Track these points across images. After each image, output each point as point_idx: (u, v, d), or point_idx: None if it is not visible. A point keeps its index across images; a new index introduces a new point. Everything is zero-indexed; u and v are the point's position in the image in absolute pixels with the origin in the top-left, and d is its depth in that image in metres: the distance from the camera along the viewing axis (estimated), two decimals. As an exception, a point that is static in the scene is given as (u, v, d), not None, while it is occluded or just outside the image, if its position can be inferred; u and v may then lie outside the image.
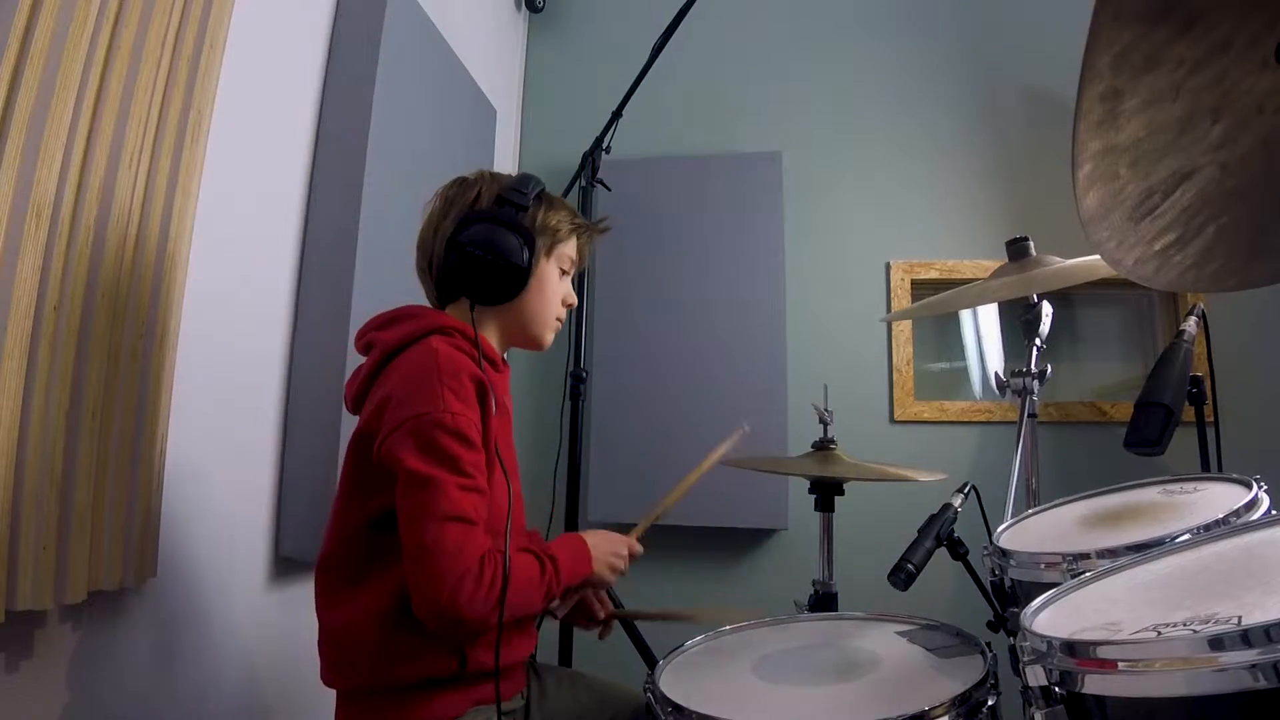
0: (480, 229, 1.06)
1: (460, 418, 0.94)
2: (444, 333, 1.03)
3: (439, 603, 0.87)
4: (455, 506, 0.90)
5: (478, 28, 2.40)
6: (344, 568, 1.02)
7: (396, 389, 0.98)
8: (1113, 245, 0.90)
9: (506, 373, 1.17)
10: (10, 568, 0.89)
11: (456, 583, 0.87)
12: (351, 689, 1.02)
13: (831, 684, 0.98)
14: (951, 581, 1.28)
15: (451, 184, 1.14)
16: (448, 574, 0.87)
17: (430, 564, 0.88)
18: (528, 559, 0.99)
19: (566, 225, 1.15)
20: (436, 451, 0.92)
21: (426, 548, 0.89)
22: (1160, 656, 0.56)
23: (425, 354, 0.99)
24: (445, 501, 0.90)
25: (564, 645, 1.74)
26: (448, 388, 0.95)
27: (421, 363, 0.98)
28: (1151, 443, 1.14)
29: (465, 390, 0.97)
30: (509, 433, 1.16)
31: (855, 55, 2.66)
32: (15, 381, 0.90)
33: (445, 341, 1.01)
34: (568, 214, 1.16)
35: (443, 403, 0.94)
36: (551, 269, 1.15)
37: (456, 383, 0.96)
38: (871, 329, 2.50)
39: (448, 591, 0.87)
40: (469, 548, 0.89)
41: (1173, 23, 0.70)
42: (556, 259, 1.16)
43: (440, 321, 1.05)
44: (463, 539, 0.89)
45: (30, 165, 0.91)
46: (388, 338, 1.04)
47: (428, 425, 0.93)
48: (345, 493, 1.03)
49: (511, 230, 1.06)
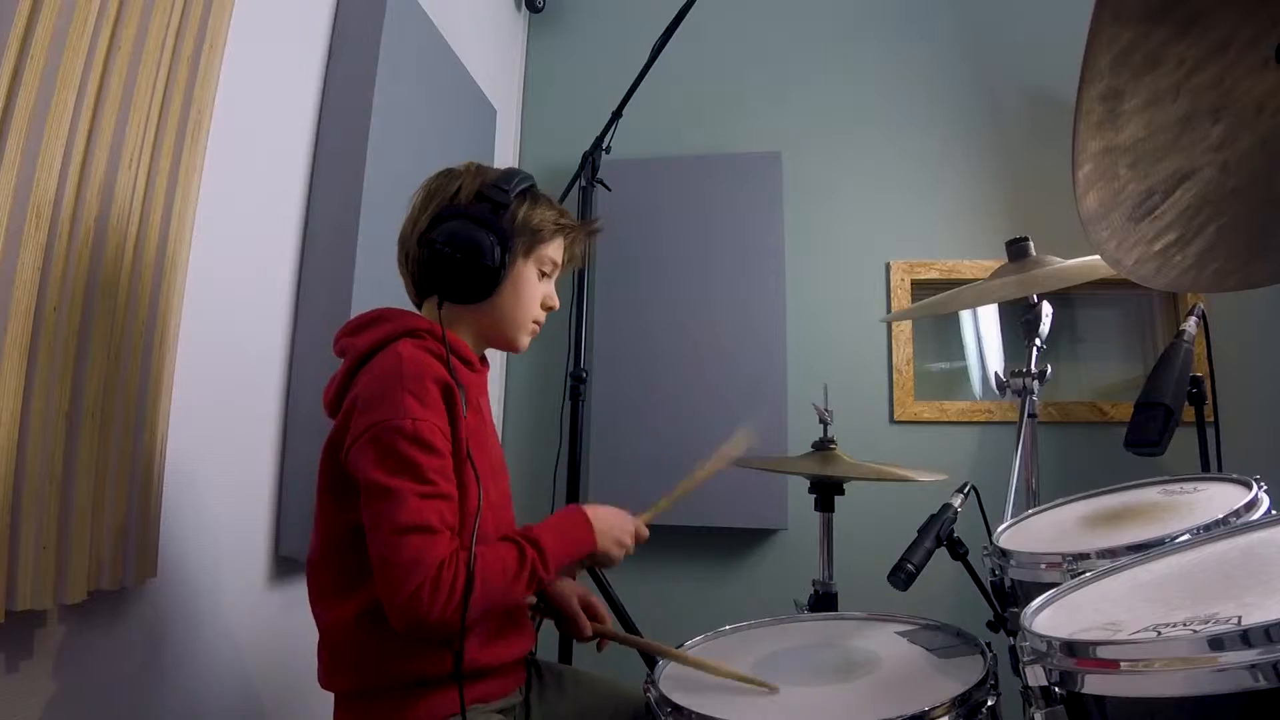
0: (454, 225, 1.04)
1: (422, 424, 0.93)
2: (414, 335, 1.02)
3: (400, 611, 0.88)
4: (414, 516, 0.89)
5: (478, 28, 2.40)
6: (331, 569, 1.02)
7: (361, 396, 0.97)
8: (1113, 245, 0.90)
9: (484, 373, 1.15)
10: (10, 568, 0.89)
11: (414, 591, 0.87)
12: (348, 691, 1.02)
13: (831, 684, 0.99)
14: (951, 581, 1.28)
15: (437, 175, 1.12)
16: (405, 584, 0.87)
17: (389, 574, 0.88)
18: (503, 549, 0.96)
19: (550, 225, 1.11)
20: (397, 459, 0.91)
21: (386, 559, 0.89)
22: (1160, 656, 0.55)
23: (390, 360, 0.97)
24: (403, 513, 0.89)
25: (564, 643, 1.74)
26: (409, 393, 0.94)
27: (385, 369, 0.97)
28: (1151, 443, 1.14)
29: (429, 394, 0.95)
30: (487, 433, 1.13)
31: (855, 56, 2.66)
32: (15, 381, 0.90)
33: (414, 345, 1.00)
34: (553, 213, 1.13)
35: (403, 409, 0.93)
36: (529, 270, 1.11)
37: (419, 387, 0.95)
38: (871, 329, 2.50)
39: (405, 600, 0.87)
40: (427, 556, 0.88)
41: (1173, 23, 0.70)
42: (536, 260, 1.11)
43: (410, 324, 1.03)
44: (420, 549, 0.88)
45: (30, 165, 0.91)
46: (358, 343, 1.03)
47: (388, 432, 0.92)
48: (324, 500, 1.03)
49: (485, 228, 1.04)
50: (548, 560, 0.98)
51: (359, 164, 1.56)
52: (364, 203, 1.55)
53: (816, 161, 2.60)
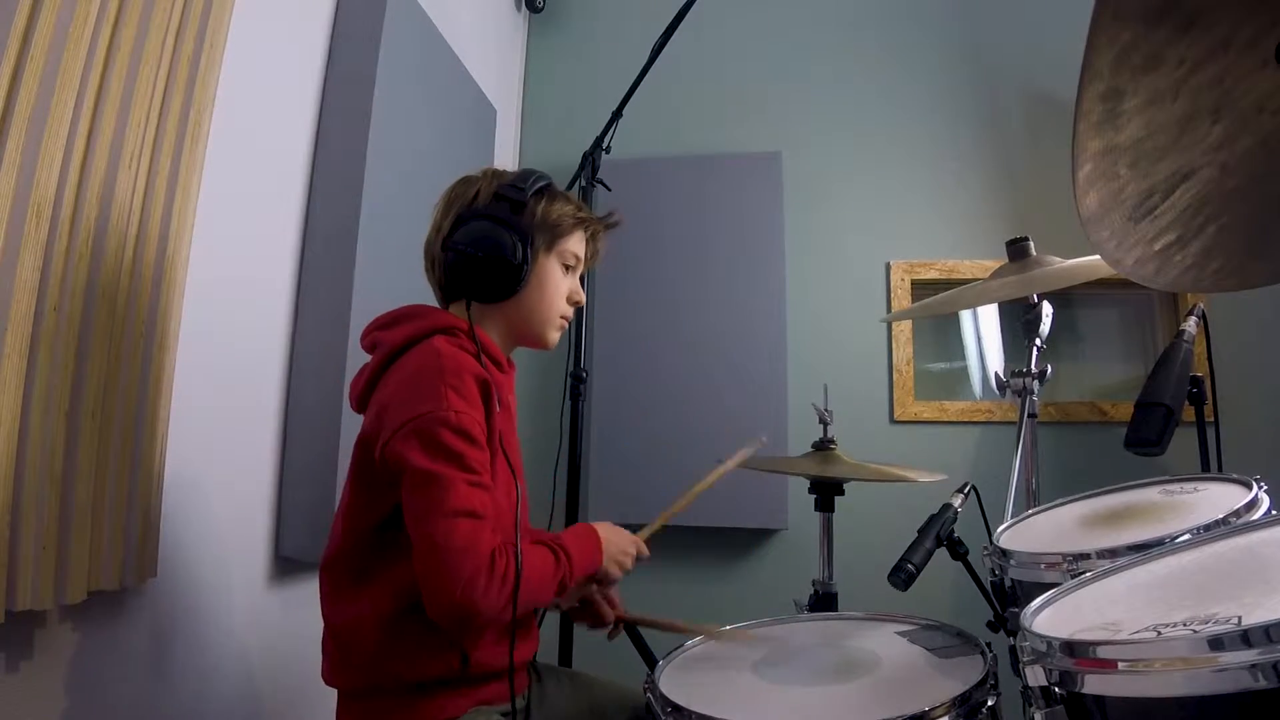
0: (474, 226, 1.06)
1: (464, 416, 0.94)
2: (447, 332, 1.03)
3: (452, 599, 0.87)
4: (464, 502, 0.90)
5: (478, 28, 2.40)
6: (350, 567, 1.02)
7: (399, 389, 0.98)
8: (1113, 245, 0.90)
9: (511, 373, 1.17)
10: (10, 568, 0.89)
11: (470, 578, 0.86)
12: (353, 688, 1.02)
13: (831, 684, 0.99)
14: (951, 581, 1.28)
15: (456, 184, 1.14)
16: (460, 570, 0.87)
17: (441, 560, 0.88)
18: (541, 551, 0.98)
19: (569, 219, 1.13)
20: (442, 449, 0.92)
21: (437, 544, 0.88)
22: (1160, 656, 0.55)
23: (428, 354, 0.99)
24: (454, 497, 0.90)
25: (564, 645, 1.74)
26: (450, 387, 0.95)
27: (424, 363, 0.98)
28: (1151, 443, 1.14)
29: (468, 389, 0.97)
30: (513, 431, 1.16)
31: (855, 55, 2.66)
32: (15, 381, 0.90)
33: (448, 341, 1.01)
34: (572, 207, 1.14)
35: (446, 402, 0.94)
36: (553, 265, 1.13)
37: (459, 381, 0.96)
38: (871, 329, 2.49)
39: (461, 587, 0.86)
40: (479, 543, 0.89)
41: (1173, 23, 0.70)
42: (558, 254, 1.13)
43: (444, 321, 1.05)
44: (473, 534, 0.89)
45: (30, 165, 0.91)
46: (392, 338, 1.04)
47: (432, 424, 0.93)
48: (352, 493, 1.03)
49: (505, 227, 1.05)
50: (574, 571, 1.01)
51: (359, 164, 1.56)
52: (364, 203, 1.55)
53: (816, 161, 2.60)
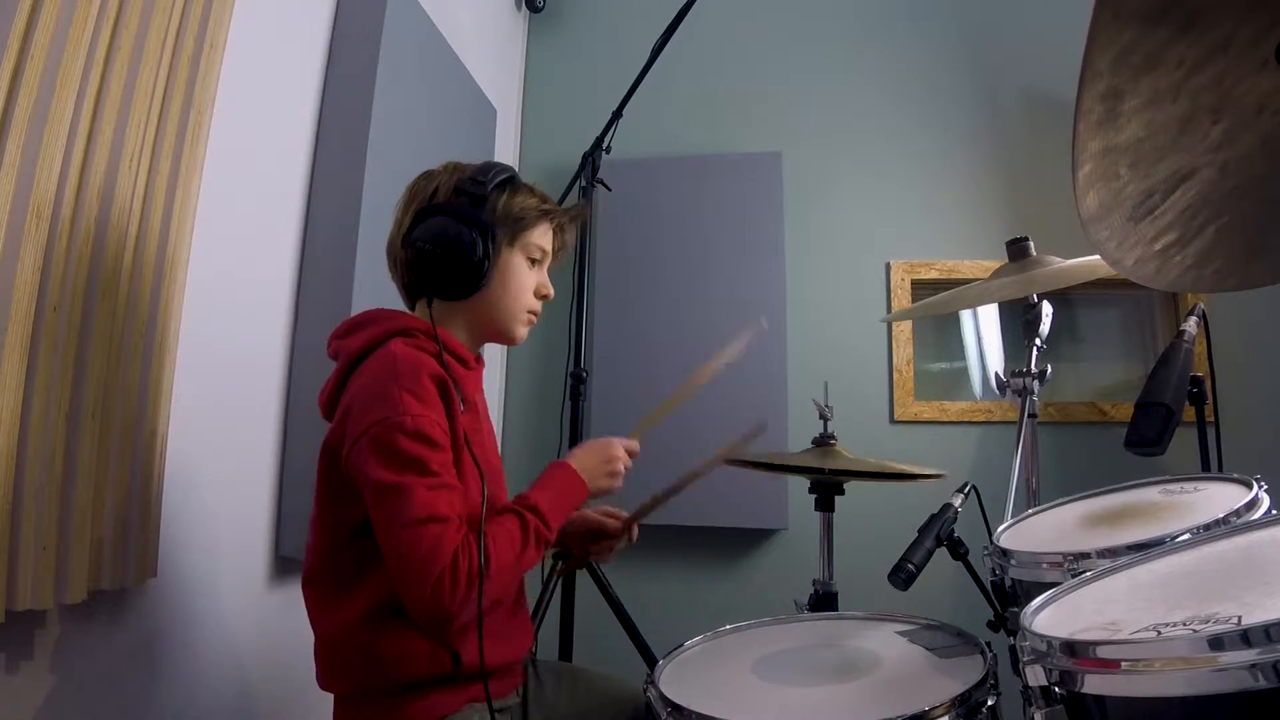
0: (434, 223, 1.04)
1: (421, 419, 0.93)
2: (405, 334, 1.02)
3: (425, 605, 0.89)
4: (425, 509, 0.90)
5: (478, 27, 2.40)
6: (331, 578, 1.02)
7: (356, 397, 0.98)
8: (1113, 245, 0.90)
9: (479, 370, 1.15)
10: (10, 568, 0.89)
11: (436, 583, 0.88)
12: (347, 693, 1.02)
13: (831, 684, 0.98)
14: (951, 581, 1.28)
15: (417, 179, 1.13)
16: (427, 576, 0.88)
17: (409, 569, 0.89)
18: (507, 522, 0.99)
19: (533, 211, 1.11)
20: (399, 457, 0.92)
21: (403, 555, 0.89)
22: (1160, 656, 0.55)
23: (384, 359, 0.98)
24: (414, 506, 0.90)
25: (564, 642, 1.74)
26: (406, 390, 0.94)
27: (379, 369, 0.98)
28: (1151, 443, 1.14)
29: (425, 390, 0.96)
30: (484, 430, 1.14)
31: (855, 55, 2.66)
32: (15, 381, 0.90)
33: (405, 343, 1.00)
34: (535, 199, 1.12)
35: (401, 406, 0.93)
36: (517, 259, 1.11)
37: (415, 384, 0.95)
38: (871, 329, 2.50)
39: (429, 593, 0.88)
40: (442, 547, 0.89)
41: (1173, 23, 0.70)
42: (523, 248, 1.11)
43: (402, 324, 1.04)
44: (437, 539, 0.89)
45: (30, 165, 0.91)
46: (350, 345, 1.03)
47: (388, 431, 0.92)
48: (321, 504, 1.03)
49: (465, 222, 1.03)
50: (548, 521, 1.01)
51: (359, 164, 1.56)
52: (364, 203, 1.55)
53: (816, 161, 2.60)
